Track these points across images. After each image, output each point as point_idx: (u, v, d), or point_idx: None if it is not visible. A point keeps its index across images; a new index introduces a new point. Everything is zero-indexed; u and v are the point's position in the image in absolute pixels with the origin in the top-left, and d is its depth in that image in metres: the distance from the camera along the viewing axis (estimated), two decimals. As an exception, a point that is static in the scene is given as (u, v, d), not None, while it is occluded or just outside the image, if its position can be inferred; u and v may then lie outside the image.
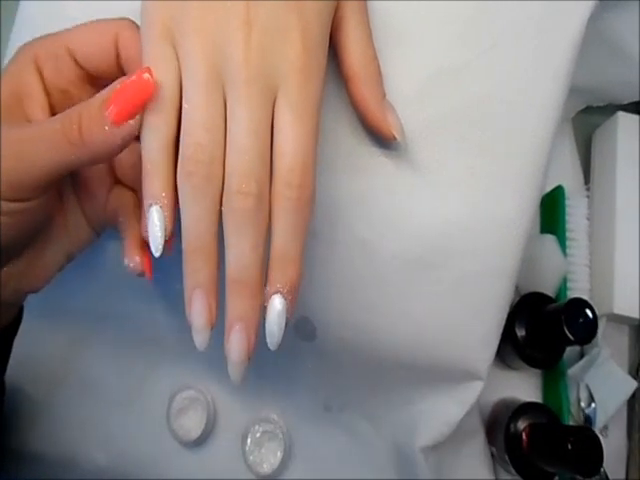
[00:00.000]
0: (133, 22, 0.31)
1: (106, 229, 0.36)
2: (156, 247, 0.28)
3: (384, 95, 0.35)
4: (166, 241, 0.29)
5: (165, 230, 0.28)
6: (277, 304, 0.29)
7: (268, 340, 0.29)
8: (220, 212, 0.28)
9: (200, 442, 0.45)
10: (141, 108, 0.27)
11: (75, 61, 0.31)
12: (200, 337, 0.29)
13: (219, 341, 0.43)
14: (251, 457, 0.44)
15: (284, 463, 0.44)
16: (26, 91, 0.30)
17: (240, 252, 0.28)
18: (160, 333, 0.45)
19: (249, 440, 0.44)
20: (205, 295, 0.28)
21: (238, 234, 0.28)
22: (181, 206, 0.28)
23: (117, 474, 0.45)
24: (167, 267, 0.40)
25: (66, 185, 0.34)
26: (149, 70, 0.27)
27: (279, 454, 0.44)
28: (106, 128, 0.27)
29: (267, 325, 0.29)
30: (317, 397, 0.46)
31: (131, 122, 0.27)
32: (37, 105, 0.31)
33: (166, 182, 0.28)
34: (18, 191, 0.27)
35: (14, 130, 0.28)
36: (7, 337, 0.36)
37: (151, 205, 0.28)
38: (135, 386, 0.46)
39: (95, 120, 0.27)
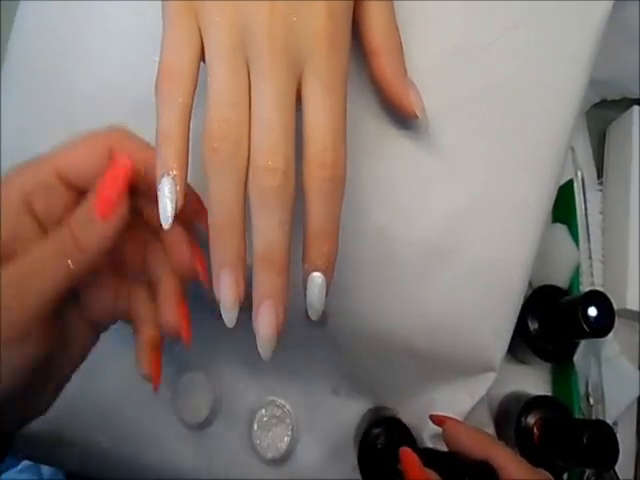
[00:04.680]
0: (125, 131, 0.30)
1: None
2: (165, 219, 0.27)
3: (405, 71, 0.34)
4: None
5: (176, 203, 0.27)
6: (317, 280, 0.29)
7: (309, 312, 0.30)
8: (246, 188, 0.28)
9: (206, 425, 0.44)
10: (123, 193, 0.27)
11: (67, 185, 0.29)
12: (229, 314, 0.28)
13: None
14: (258, 441, 0.43)
15: (291, 447, 0.44)
16: (22, 235, 0.28)
17: (267, 229, 0.27)
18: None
19: (256, 424, 0.44)
20: (233, 272, 0.28)
21: (265, 211, 0.27)
22: (207, 183, 0.28)
23: (120, 456, 0.45)
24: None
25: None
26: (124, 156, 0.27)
27: (286, 439, 0.43)
28: (97, 227, 0.26)
29: (308, 300, 0.29)
30: (325, 382, 0.45)
31: (119, 210, 0.27)
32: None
33: (179, 153, 0.27)
34: (21, 327, 0.26)
35: (11, 268, 0.26)
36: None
37: (162, 175, 0.27)
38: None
39: (86, 226, 0.26)
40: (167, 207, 0.27)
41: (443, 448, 0.43)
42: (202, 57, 0.28)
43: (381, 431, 0.43)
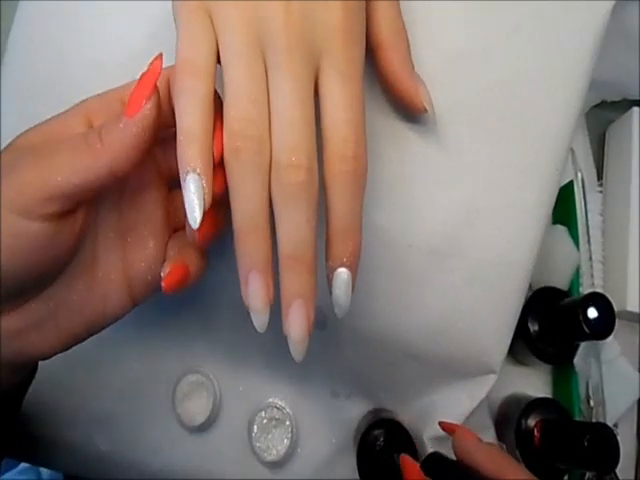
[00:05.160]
0: None
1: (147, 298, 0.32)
2: (194, 219, 0.26)
3: (413, 66, 0.34)
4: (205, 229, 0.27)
5: (204, 200, 0.26)
6: (343, 276, 0.28)
7: (336, 310, 0.29)
8: (269, 187, 0.27)
9: (205, 427, 0.44)
10: (151, 90, 0.26)
11: None
12: (260, 319, 0.28)
13: (227, 323, 0.43)
14: (257, 444, 0.43)
15: (291, 450, 0.43)
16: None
17: (294, 227, 0.27)
18: (165, 315, 0.44)
19: (255, 426, 0.43)
20: (262, 276, 0.27)
21: (290, 209, 0.27)
22: (230, 184, 0.27)
23: (119, 459, 0.44)
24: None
25: (105, 232, 0.30)
26: (160, 56, 0.27)
27: (286, 441, 0.43)
28: (121, 125, 0.26)
29: (334, 297, 0.29)
30: (325, 383, 0.45)
31: (145, 109, 0.26)
32: None
33: (203, 149, 0.26)
34: (42, 203, 0.25)
35: (43, 144, 0.27)
36: (14, 399, 0.32)
37: (187, 173, 0.26)
38: (139, 369, 0.45)
39: (112, 123, 0.26)
40: (194, 205, 0.26)
41: (443, 450, 0.43)
42: (218, 54, 0.28)
43: (380, 433, 0.43)
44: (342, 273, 0.28)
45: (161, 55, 0.27)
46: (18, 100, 0.40)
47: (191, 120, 0.26)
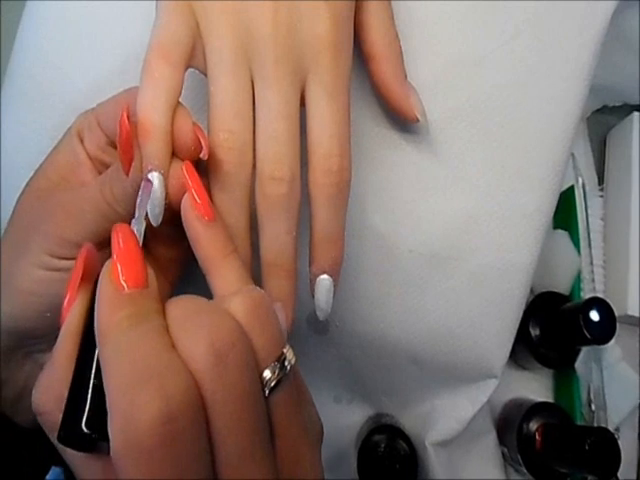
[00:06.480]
0: None
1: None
2: (156, 218, 0.26)
3: (406, 76, 0.34)
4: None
5: (165, 198, 0.25)
6: (325, 283, 0.30)
7: (318, 313, 0.31)
8: (251, 196, 0.28)
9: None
10: (131, 152, 0.26)
11: (102, 130, 0.31)
12: None
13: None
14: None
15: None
16: (77, 160, 0.31)
17: (275, 236, 0.28)
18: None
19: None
20: None
21: (272, 219, 0.28)
22: (212, 193, 0.27)
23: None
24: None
25: None
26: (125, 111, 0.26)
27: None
28: (123, 182, 0.27)
29: (316, 303, 0.30)
30: (327, 389, 0.45)
31: (133, 169, 0.26)
32: (87, 170, 0.31)
33: (168, 146, 0.26)
34: (66, 247, 0.27)
35: (67, 193, 0.29)
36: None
37: (151, 170, 0.25)
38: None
39: (118, 175, 0.27)
40: (157, 205, 0.25)
41: (445, 455, 0.43)
42: (195, 52, 0.28)
43: (381, 438, 0.43)
44: (324, 280, 0.30)
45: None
46: (20, 104, 0.40)
47: (154, 108, 0.26)
